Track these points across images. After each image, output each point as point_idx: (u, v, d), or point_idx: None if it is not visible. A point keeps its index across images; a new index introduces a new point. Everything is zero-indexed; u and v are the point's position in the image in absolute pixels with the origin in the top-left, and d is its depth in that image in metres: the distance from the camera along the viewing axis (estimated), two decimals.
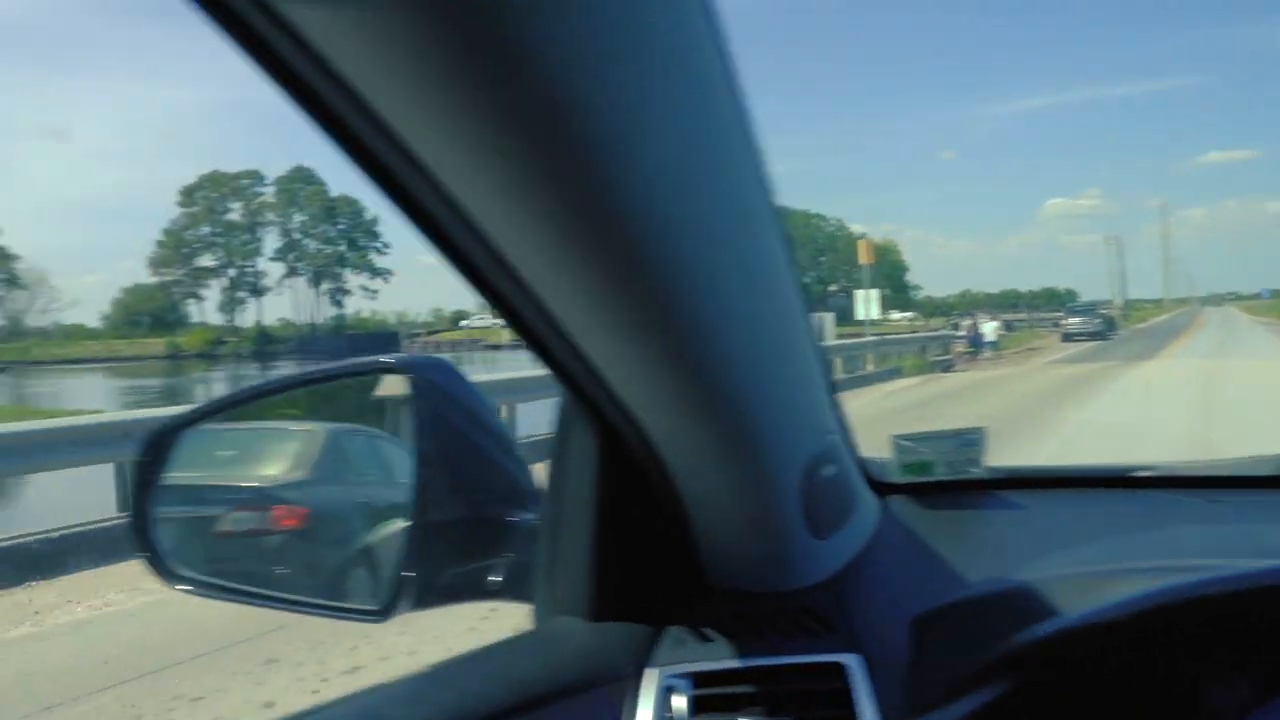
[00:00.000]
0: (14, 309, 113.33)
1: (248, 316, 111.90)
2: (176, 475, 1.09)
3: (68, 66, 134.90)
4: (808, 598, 0.91)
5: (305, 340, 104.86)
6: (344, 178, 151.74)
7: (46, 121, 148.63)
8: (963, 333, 32.24)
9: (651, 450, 0.79)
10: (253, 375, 71.80)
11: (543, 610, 0.93)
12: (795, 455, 0.82)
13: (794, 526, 0.86)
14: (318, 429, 1.19)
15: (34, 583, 6.75)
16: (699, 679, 0.84)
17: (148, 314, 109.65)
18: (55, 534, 7.39)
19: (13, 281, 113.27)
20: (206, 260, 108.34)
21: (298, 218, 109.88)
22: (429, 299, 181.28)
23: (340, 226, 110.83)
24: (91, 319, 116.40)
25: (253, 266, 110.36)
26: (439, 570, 0.92)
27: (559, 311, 0.63)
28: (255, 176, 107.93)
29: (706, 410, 0.71)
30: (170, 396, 44.67)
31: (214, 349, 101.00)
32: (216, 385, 58.02)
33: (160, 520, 1.07)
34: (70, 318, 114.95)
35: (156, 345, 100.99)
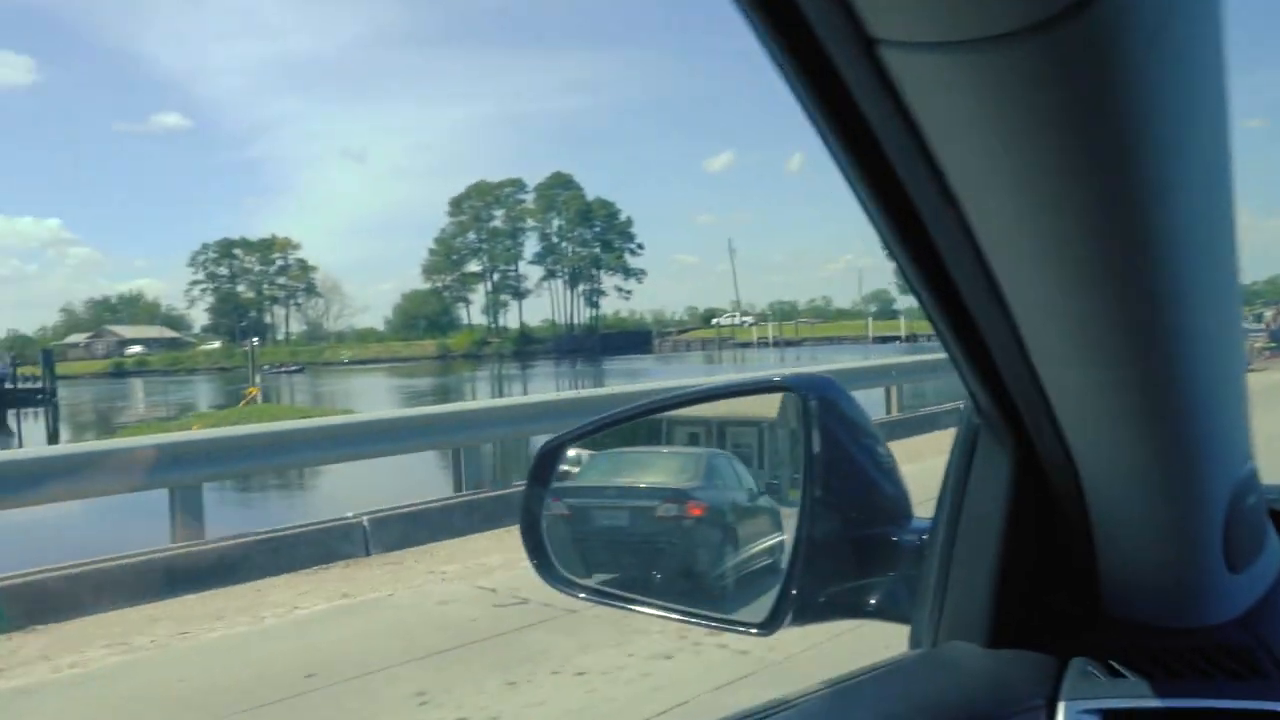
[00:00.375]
0: (312, 315, 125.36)
1: (510, 318, 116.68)
2: (571, 484, 1.21)
3: (367, 95, 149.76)
4: (1221, 635, 0.84)
5: (562, 340, 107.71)
6: (598, 181, 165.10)
7: (348, 145, 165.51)
8: (1264, 326, 28.15)
9: (1073, 470, 0.77)
10: (513, 374, 75.43)
11: (926, 632, 0.90)
12: (1223, 481, 0.78)
13: (1212, 558, 0.81)
14: (695, 450, 1.24)
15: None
16: (1110, 717, 0.80)
17: (423, 317, 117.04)
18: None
19: (311, 290, 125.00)
20: (473, 266, 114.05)
21: (556, 222, 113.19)
22: (683, 298, 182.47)
23: (596, 229, 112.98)
24: (379, 324, 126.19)
25: (514, 270, 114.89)
26: (820, 587, 0.93)
27: (1028, 330, 0.62)
28: (517, 184, 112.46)
29: (1143, 429, 0.69)
30: (440, 394, 46.77)
31: (479, 349, 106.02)
32: (481, 383, 60.91)
33: (549, 528, 1.17)
34: (361, 323, 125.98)
35: (429, 346, 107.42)
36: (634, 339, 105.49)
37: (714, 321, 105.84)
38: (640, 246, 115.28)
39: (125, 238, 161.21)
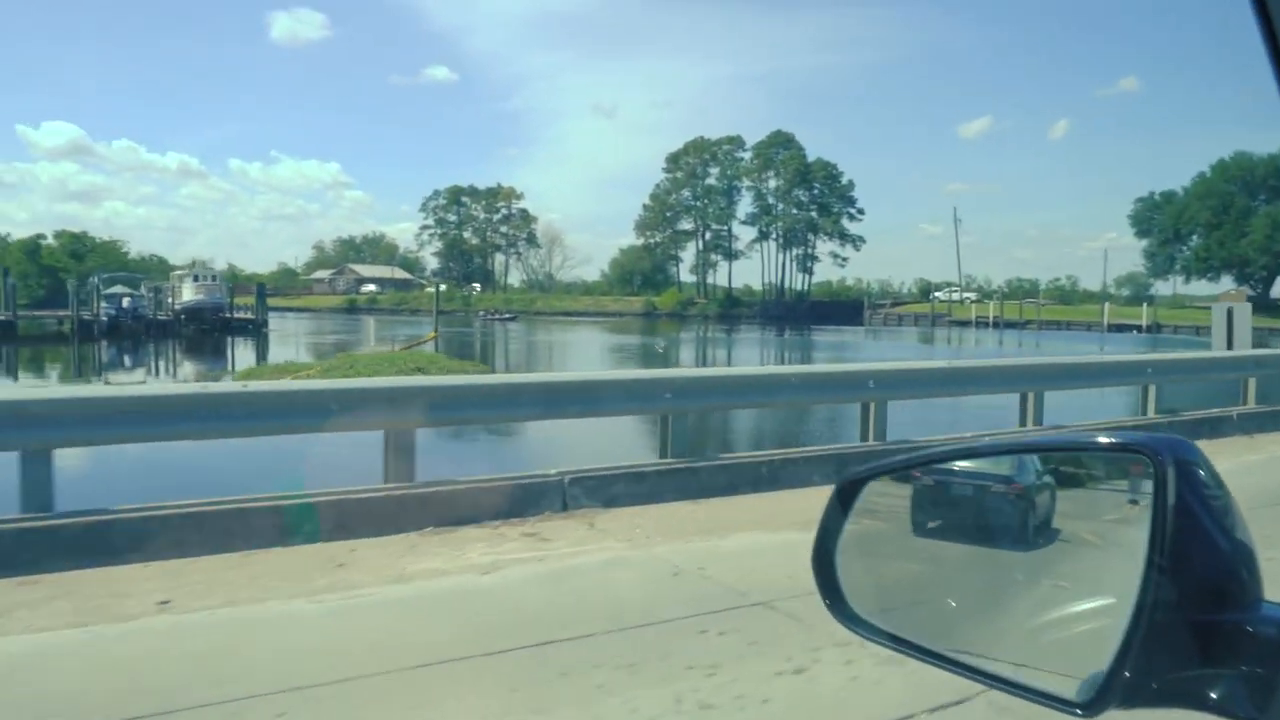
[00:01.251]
0: (534, 265, 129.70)
1: (720, 278, 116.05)
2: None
3: (618, 51, 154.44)
4: None
5: (770, 305, 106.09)
6: (841, 144, 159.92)
7: (599, 100, 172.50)
8: None
9: None
10: (719, 337, 74.74)
11: None
12: None
13: None
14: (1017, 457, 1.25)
15: None
16: None
17: (638, 273, 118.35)
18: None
19: (531, 240, 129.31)
20: (685, 224, 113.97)
21: (773, 182, 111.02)
22: (924, 269, 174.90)
23: (814, 191, 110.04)
24: (596, 276, 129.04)
25: (726, 230, 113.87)
26: (1155, 670, 0.86)
27: None
28: (736, 141, 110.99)
29: None
30: (640, 356, 46.57)
31: (685, 309, 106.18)
32: (685, 346, 60.51)
33: (842, 566, 1.16)
34: (588, 275, 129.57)
35: (636, 303, 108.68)
36: (845, 309, 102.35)
37: (932, 295, 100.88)
38: (861, 211, 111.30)
39: (394, 184, 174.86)
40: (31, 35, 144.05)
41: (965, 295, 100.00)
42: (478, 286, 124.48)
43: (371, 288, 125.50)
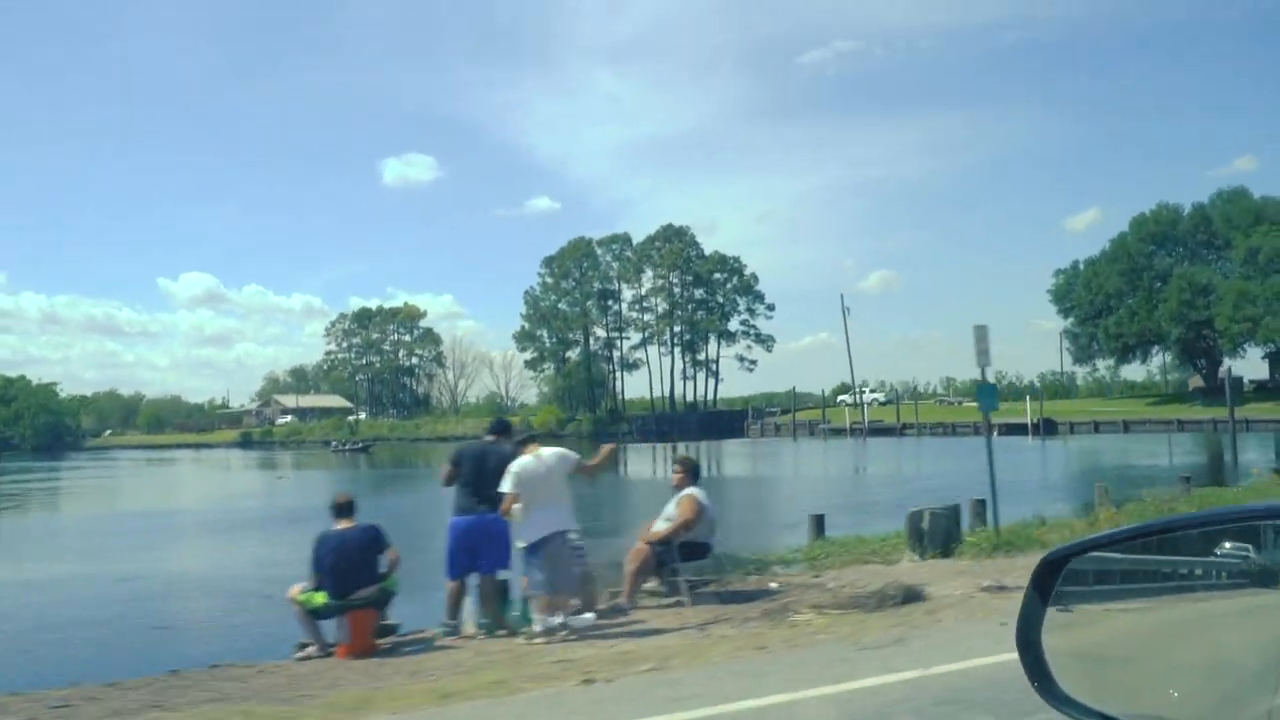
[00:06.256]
0: (445, 386, 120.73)
1: (638, 389, 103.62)
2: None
3: (713, 169, 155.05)
4: None
5: (647, 419, 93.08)
6: (921, 241, 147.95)
7: (698, 219, 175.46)
8: None
9: None
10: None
11: None
12: None
13: None
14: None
15: None
16: None
17: (576, 390, 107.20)
18: None
19: (438, 361, 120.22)
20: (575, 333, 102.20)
21: (651, 282, 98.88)
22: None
23: (709, 289, 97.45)
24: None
25: (615, 337, 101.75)
26: None
27: None
28: (622, 240, 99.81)
29: None
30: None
31: (561, 428, 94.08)
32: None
33: (1050, 647, 1.15)
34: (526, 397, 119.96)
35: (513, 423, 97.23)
36: (738, 418, 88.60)
37: (839, 400, 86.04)
38: (771, 308, 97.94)
39: (504, 311, 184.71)
40: (167, 193, 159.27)
41: (874, 396, 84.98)
42: (361, 415, 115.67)
43: (288, 419, 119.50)
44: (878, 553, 10.32)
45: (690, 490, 8.08)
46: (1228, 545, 1.05)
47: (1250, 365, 67.22)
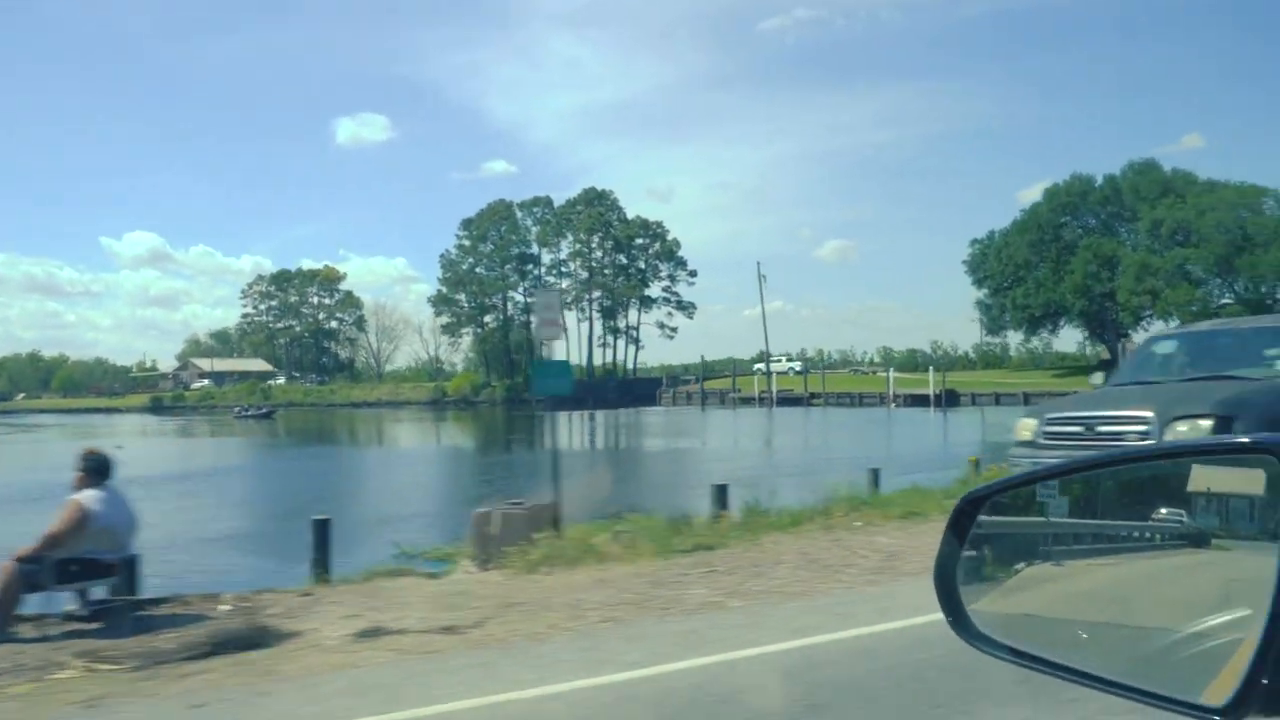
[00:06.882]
0: (367, 351, 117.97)
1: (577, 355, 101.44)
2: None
3: (672, 136, 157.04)
4: None
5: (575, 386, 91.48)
6: (902, 212, 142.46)
7: (653, 185, 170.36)
8: None
9: None
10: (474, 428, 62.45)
11: None
12: None
13: None
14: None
15: None
16: None
17: (505, 354, 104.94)
18: None
19: (359, 325, 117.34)
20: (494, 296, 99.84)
21: (568, 246, 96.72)
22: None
23: (631, 254, 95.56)
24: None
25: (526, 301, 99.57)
26: None
27: None
28: (543, 203, 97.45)
29: None
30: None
31: (475, 394, 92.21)
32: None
33: (964, 584, 1.19)
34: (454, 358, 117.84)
35: (427, 390, 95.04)
36: (654, 386, 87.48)
37: (755, 368, 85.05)
38: (693, 274, 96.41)
39: None
40: (112, 151, 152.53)
41: (791, 366, 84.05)
42: (280, 379, 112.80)
43: (205, 383, 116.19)
44: (452, 557, 8.82)
45: (80, 495, 6.45)
46: (1163, 511, 1.08)
47: None
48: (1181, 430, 7.24)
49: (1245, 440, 0.93)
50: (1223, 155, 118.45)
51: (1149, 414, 7.50)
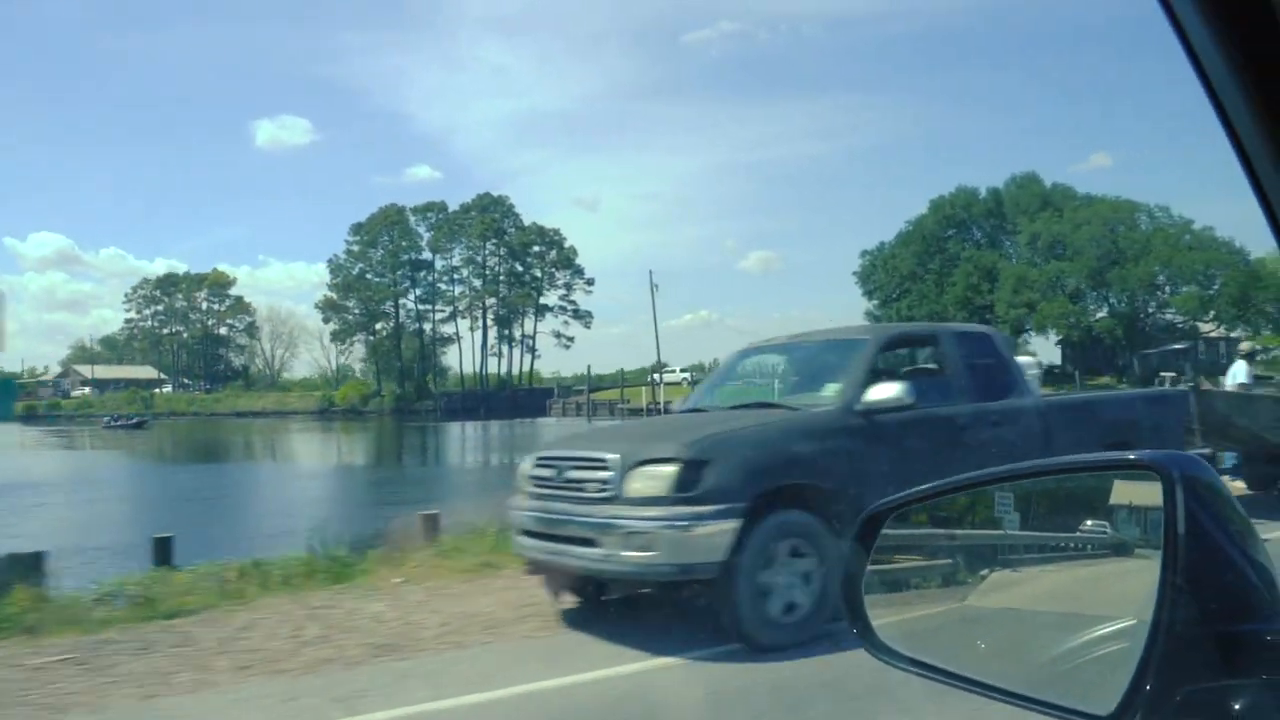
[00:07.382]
0: (259, 356, 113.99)
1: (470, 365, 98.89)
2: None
3: (599, 146, 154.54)
4: None
5: (453, 397, 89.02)
6: (828, 223, 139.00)
7: (580, 195, 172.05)
8: None
9: None
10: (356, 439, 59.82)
11: None
12: None
13: None
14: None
15: None
16: None
17: (399, 362, 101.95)
18: None
19: (249, 332, 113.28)
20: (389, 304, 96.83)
21: (460, 254, 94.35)
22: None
23: (527, 262, 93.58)
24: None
25: (426, 310, 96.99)
26: (1176, 683, 0.85)
27: None
28: (437, 208, 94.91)
29: None
30: None
31: (364, 404, 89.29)
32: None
33: (869, 598, 1.22)
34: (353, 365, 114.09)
35: (314, 399, 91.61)
36: (548, 396, 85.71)
37: (650, 378, 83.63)
38: (590, 283, 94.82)
39: None
40: (14, 148, 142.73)
41: (683, 376, 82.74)
42: (167, 387, 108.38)
43: (85, 391, 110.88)
44: None
45: None
46: (1089, 523, 1.11)
47: (1046, 351, 67.70)
48: (644, 474, 5.89)
49: (1132, 457, 0.97)
50: (1129, 173, 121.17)
51: (614, 457, 6.10)
